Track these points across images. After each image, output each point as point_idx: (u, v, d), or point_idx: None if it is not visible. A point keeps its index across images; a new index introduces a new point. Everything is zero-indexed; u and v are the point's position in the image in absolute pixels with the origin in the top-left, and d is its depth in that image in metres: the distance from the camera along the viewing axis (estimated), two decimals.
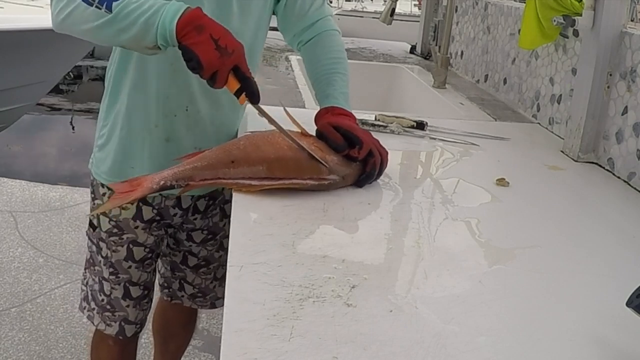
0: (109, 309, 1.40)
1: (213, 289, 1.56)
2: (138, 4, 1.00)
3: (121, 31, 1.02)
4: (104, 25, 1.02)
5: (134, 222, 1.34)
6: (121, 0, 1.00)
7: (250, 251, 0.90)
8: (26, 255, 2.88)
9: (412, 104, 2.26)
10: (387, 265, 0.91)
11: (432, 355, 0.71)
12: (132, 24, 1.00)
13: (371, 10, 13.79)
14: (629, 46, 1.39)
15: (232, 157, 1.10)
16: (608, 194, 1.32)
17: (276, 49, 2.60)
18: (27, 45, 3.86)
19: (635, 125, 1.36)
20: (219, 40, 1.00)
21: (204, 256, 1.50)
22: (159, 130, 1.26)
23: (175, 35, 0.99)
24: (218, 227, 1.48)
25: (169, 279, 1.56)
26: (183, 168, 1.08)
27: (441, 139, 1.53)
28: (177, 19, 0.99)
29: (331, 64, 1.31)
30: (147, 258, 1.39)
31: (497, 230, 1.08)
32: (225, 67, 1.01)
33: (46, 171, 4.86)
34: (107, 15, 1.00)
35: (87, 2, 1.01)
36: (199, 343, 2.33)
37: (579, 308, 0.86)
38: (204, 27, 1.00)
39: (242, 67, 1.04)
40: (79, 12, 1.02)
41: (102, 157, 1.32)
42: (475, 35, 2.32)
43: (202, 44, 0.99)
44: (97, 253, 1.38)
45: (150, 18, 1.00)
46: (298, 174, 1.10)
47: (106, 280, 1.38)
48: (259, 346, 0.70)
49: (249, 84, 1.06)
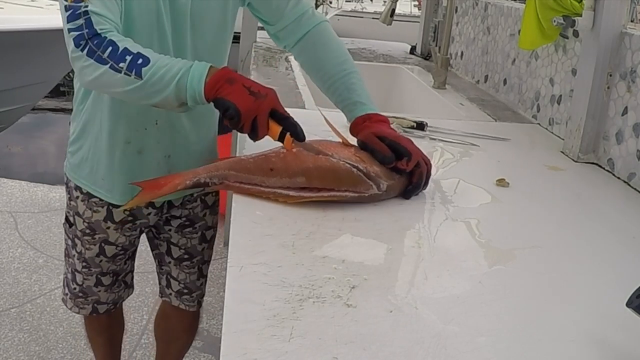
0: (81, 296, 1.49)
1: (199, 285, 1.57)
2: (167, 68, 1.03)
3: (152, 95, 1.05)
4: (135, 90, 1.04)
5: (105, 224, 1.37)
6: (150, 66, 1.02)
7: (250, 252, 0.90)
8: (26, 255, 2.88)
9: (412, 105, 2.26)
10: (387, 266, 0.91)
11: (432, 355, 0.71)
12: (164, 88, 1.03)
13: (371, 11, 13.78)
14: (629, 47, 1.39)
15: (271, 164, 1.08)
16: (608, 194, 1.32)
17: (276, 49, 2.60)
18: (27, 46, 3.87)
19: (635, 126, 1.36)
20: (251, 87, 1.03)
21: (185, 246, 1.50)
22: (130, 145, 1.28)
23: (203, 94, 1.03)
24: (197, 216, 1.48)
25: (158, 275, 1.61)
26: (218, 167, 1.08)
27: (441, 139, 1.53)
28: (204, 79, 1.03)
29: (340, 64, 1.28)
30: (119, 254, 1.44)
31: (497, 230, 1.08)
32: (263, 111, 1.03)
33: (46, 172, 4.86)
34: (138, 82, 1.02)
35: (114, 69, 1.02)
36: (198, 344, 2.33)
37: (579, 308, 0.86)
38: (235, 79, 1.03)
39: (280, 109, 1.06)
40: (107, 78, 1.03)
41: (76, 163, 1.35)
42: (475, 35, 2.32)
43: (235, 92, 1.02)
44: (72, 247, 1.44)
45: (179, 81, 1.03)
46: (336, 185, 1.08)
47: (79, 272, 1.45)
48: (259, 347, 0.70)
49: (290, 124, 1.06)
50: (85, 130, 1.30)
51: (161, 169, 1.31)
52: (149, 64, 1.02)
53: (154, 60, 1.03)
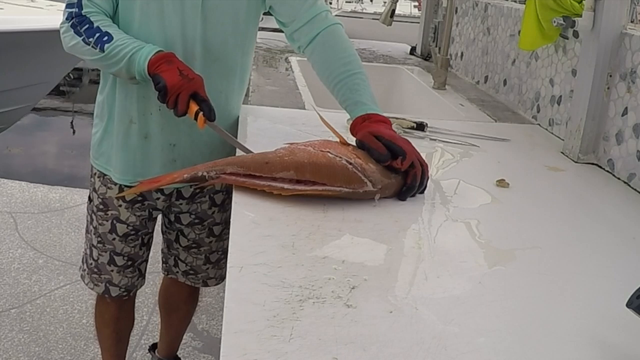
0: (96, 271, 1.56)
1: (205, 270, 1.65)
2: (123, 46, 1.25)
3: (110, 66, 1.29)
4: (98, 60, 1.29)
5: (117, 201, 1.48)
6: (112, 43, 1.26)
7: (250, 252, 0.90)
8: (26, 256, 2.88)
9: (412, 105, 2.26)
10: (387, 266, 0.91)
11: (432, 356, 0.71)
12: (118, 62, 1.26)
13: (371, 12, 13.80)
14: (629, 47, 1.40)
15: (266, 159, 1.11)
16: (608, 195, 1.32)
17: (276, 50, 2.60)
18: (27, 47, 3.86)
19: (635, 126, 1.36)
20: (183, 71, 1.23)
21: (194, 239, 1.60)
22: (136, 127, 1.39)
23: (147, 70, 1.24)
24: (206, 214, 1.56)
25: (166, 255, 1.69)
26: (216, 163, 1.12)
27: (441, 140, 1.53)
28: (149, 58, 1.23)
29: (345, 64, 1.30)
30: (131, 234, 1.52)
31: (497, 231, 1.08)
32: (186, 90, 1.22)
33: (46, 172, 4.86)
34: (100, 54, 1.27)
35: (85, 42, 1.27)
36: (199, 344, 2.33)
37: (579, 309, 0.86)
38: (172, 61, 1.24)
39: (201, 93, 1.24)
40: (80, 47, 1.29)
41: (94, 143, 1.49)
42: (475, 36, 2.32)
43: (169, 71, 1.22)
44: (90, 222, 1.55)
45: (131, 57, 1.24)
46: (330, 181, 1.08)
47: (95, 247, 1.54)
48: (259, 347, 0.70)
49: (205, 106, 1.24)
50: (103, 111, 1.44)
51: (166, 157, 1.41)
52: (111, 41, 1.26)
53: (116, 38, 1.26)
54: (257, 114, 1.58)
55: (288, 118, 1.34)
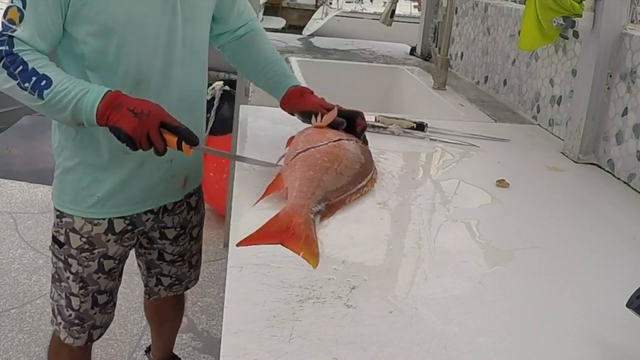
0: (77, 323, 1.43)
1: (189, 275, 1.64)
2: (65, 93, 1.11)
3: (53, 113, 1.15)
4: (38, 107, 1.13)
5: (106, 236, 1.36)
6: (51, 89, 1.10)
7: (250, 252, 0.90)
8: (26, 256, 2.88)
9: (412, 106, 2.26)
10: (387, 267, 0.91)
11: (432, 356, 0.71)
12: (62, 110, 1.12)
13: (371, 12, 13.78)
14: (629, 47, 1.40)
15: (338, 169, 1.11)
16: (608, 195, 1.32)
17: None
18: None
19: (635, 127, 1.36)
20: (134, 109, 1.10)
21: (179, 251, 1.57)
22: (130, 156, 1.27)
23: (96, 120, 1.11)
24: (187, 220, 1.53)
25: (146, 278, 1.62)
26: (312, 191, 1.04)
27: (441, 140, 1.53)
28: (96, 106, 1.11)
29: (275, 52, 1.44)
30: (115, 268, 1.43)
31: (497, 231, 1.08)
32: (152, 127, 1.10)
33: (46, 172, 4.86)
34: (40, 101, 1.11)
35: (21, 86, 1.11)
36: (199, 344, 2.33)
37: (579, 309, 0.86)
38: (121, 104, 1.11)
39: (168, 120, 1.13)
40: (16, 91, 1.12)
41: (67, 187, 1.34)
42: (475, 36, 2.32)
43: (122, 118, 1.10)
44: (64, 270, 1.39)
45: (76, 106, 1.11)
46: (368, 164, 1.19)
47: (75, 295, 1.40)
48: (259, 347, 0.70)
49: (181, 131, 1.13)
50: (77, 149, 1.29)
51: (163, 175, 1.36)
52: (50, 86, 1.11)
53: (55, 82, 1.11)
54: (257, 114, 1.58)
55: (288, 118, 1.34)
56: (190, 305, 2.53)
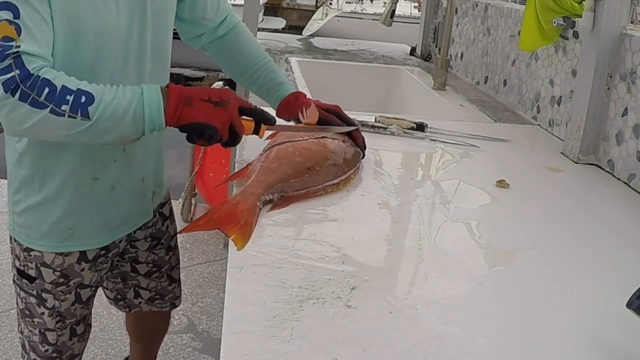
0: (55, 356, 1.32)
1: (172, 289, 1.50)
2: (116, 103, 0.94)
3: (103, 134, 0.96)
4: (83, 132, 0.94)
5: (79, 265, 1.22)
6: (97, 104, 0.93)
7: (250, 252, 0.90)
8: None
9: (412, 106, 2.26)
10: (387, 267, 0.91)
11: (432, 356, 0.71)
12: (117, 125, 0.95)
13: (371, 12, 13.80)
14: (629, 48, 1.40)
15: (307, 164, 1.11)
16: (608, 195, 1.32)
17: (276, 50, 2.60)
18: None
19: (635, 127, 1.36)
20: (210, 98, 0.99)
21: (153, 260, 1.43)
22: (100, 181, 1.16)
23: (165, 123, 0.98)
24: (161, 231, 1.41)
25: (121, 290, 1.46)
26: (269, 181, 1.05)
27: (441, 140, 1.53)
28: (162, 107, 0.97)
29: (262, 52, 1.37)
30: (92, 296, 1.31)
31: (497, 231, 1.08)
32: (234, 115, 1.01)
33: None
34: (87, 123, 0.93)
35: (56, 112, 0.91)
36: (198, 345, 2.33)
37: (579, 309, 0.86)
38: (191, 98, 0.98)
39: (245, 104, 1.05)
40: (48, 123, 0.92)
41: (30, 223, 1.17)
42: (475, 37, 2.32)
43: (200, 111, 0.98)
44: (37, 305, 1.25)
45: (135, 114, 0.96)
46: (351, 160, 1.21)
47: (51, 330, 1.28)
48: (259, 347, 0.70)
49: (259, 114, 1.06)
50: (39, 183, 1.13)
51: (136, 196, 1.25)
52: (94, 101, 0.93)
53: (98, 95, 0.94)
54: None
55: None
56: (190, 305, 2.53)
